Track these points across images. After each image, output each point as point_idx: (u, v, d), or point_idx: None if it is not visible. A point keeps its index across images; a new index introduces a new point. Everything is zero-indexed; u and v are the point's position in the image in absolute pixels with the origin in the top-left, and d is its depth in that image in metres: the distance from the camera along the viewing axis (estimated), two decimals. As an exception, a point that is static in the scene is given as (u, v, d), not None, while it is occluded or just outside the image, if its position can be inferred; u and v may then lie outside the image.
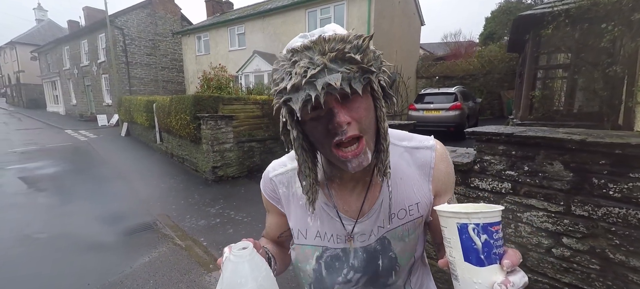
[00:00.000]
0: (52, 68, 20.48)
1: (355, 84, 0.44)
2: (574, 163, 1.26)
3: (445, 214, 0.43)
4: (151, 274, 2.60)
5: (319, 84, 0.43)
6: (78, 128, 12.89)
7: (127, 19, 14.53)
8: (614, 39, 3.33)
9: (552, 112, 4.96)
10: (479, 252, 0.39)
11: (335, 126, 0.46)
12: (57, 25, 28.73)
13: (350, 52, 0.43)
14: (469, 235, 0.40)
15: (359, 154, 0.49)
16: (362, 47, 0.44)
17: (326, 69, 0.43)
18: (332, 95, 0.44)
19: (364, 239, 0.61)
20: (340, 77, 0.43)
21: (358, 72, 0.44)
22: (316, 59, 0.43)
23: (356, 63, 0.44)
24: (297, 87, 0.44)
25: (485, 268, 0.39)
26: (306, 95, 0.44)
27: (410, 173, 0.61)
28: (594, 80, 4.03)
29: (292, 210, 0.66)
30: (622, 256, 1.19)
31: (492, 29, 15.90)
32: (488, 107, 12.02)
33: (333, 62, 0.43)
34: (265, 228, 0.75)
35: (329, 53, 0.43)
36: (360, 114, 0.48)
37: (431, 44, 22.76)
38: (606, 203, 1.20)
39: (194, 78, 13.61)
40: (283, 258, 0.72)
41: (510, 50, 8.43)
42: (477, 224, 0.39)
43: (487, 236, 0.39)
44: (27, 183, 5.35)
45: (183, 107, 5.78)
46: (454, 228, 0.41)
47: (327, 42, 0.44)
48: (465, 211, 0.40)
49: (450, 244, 0.43)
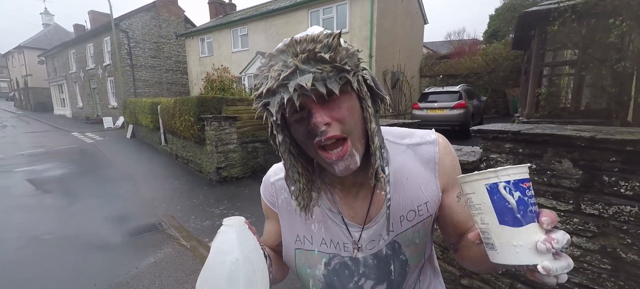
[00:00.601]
0: (59, 71, 20.80)
1: (331, 84, 0.43)
2: (583, 161, 1.23)
3: (471, 178, 0.40)
4: (157, 275, 2.62)
5: (291, 86, 0.42)
6: (84, 131, 13.06)
7: (132, 22, 14.69)
8: (622, 34, 3.27)
9: (559, 109, 4.90)
10: (515, 211, 0.37)
11: (312, 127, 0.45)
12: (64, 29, 29.18)
13: (320, 51, 0.42)
14: (501, 194, 0.37)
15: (344, 156, 0.47)
16: (333, 45, 0.43)
17: (298, 71, 0.43)
18: (309, 96, 0.43)
19: (373, 246, 0.59)
20: (312, 77, 0.42)
21: (332, 71, 0.43)
22: (289, 61, 0.43)
23: (327, 62, 0.43)
24: (272, 91, 0.44)
25: (523, 227, 0.36)
26: (280, 98, 0.44)
27: (416, 171, 0.59)
28: (601, 77, 3.96)
29: (296, 216, 0.63)
30: (635, 255, 1.16)
31: (496, 26, 15.75)
32: (493, 105, 11.91)
33: (305, 63, 0.43)
34: (264, 235, 0.72)
35: (301, 54, 0.43)
36: (342, 114, 0.46)
37: (435, 42, 22.63)
38: (617, 201, 1.17)
39: (197, 80, 13.71)
40: (281, 266, 0.70)
41: (515, 48, 8.34)
42: (508, 181, 0.37)
43: (520, 193, 0.37)
44: (35, 185, 5.43)
45: (187, 108, 5.82)
46: (482, 190, 0.39)
47: (299, 44, 0.43)
48: (493, 169, 0.38)
49: (480, 210, 0.40)
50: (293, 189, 0.53)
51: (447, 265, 1.87)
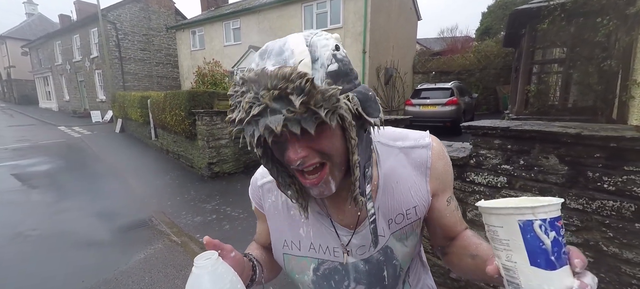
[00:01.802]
0: (44, 63, 20.12)
1: (305, 124, 0.40)
2: (569, 157, 1.26)
3: (502, 211, 0.36)
4: (146, 271, 2.58)
5: (261, 125, 0.40)
6: (71, 125, 12.71)
7: (120, 13, 14.28)
8: (609, 33, 3.34)
9: (548, 106, 5.00)
10: (549, 253, 0.34)
11: (287, 161, 0.45)
12: (48, 19, 28.15)
13: (292, 92, 0.38)
14: (536, 233, 0.34)
15: (319, 183, 0.46)
16: (305, 89, 0.38)
17: (268, 109, 0.39)
18: (285, 130, 0.40)
19: (364, 251, 0.58)
20: (281, 120, 0.39)
21: (306, 112, 0.39)
22: (260, 95, 0.39)
23: (299, 106, 0.38)
24: (243, 122, 0.42)
25: (556, 272, 0.34)
26: (252, 131, 0.42)
27: (406, 175, 0.58)
28: (588, 75, 4.05)
29: (283, 220, 0.62)
30: (616, 248, 1.20)
31: (488, 24, 15.92)
32: (484, 102, 12.08)
33: (276, 101, 0.39)
34: (256, 234, 0.72)
35: (272, 90, 0.38)
36: (320, 146, 0.44)
37: (428, 39, 22.73)
38: (600, 196, 1.20)
39: (189, 74, 13.46)
40: (272, 266, 0.69)
41: (507, 45, 8.45)
42: (544, 219, 0.34)
43: (556, 233, 0.34)
44: (20, 180, 5.27)
45: (178, 102, 5.71)
46: (514, 226, 0.35)
47: (270, 78, 0.38)
48: (530, 205, 0.34)
49: (508, 246, 0.37)
50: (290, 194, 0.52)
51: (436, 259, 1.90)
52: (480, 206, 0.40)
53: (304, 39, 0.44)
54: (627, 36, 3.05)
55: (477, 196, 1.61)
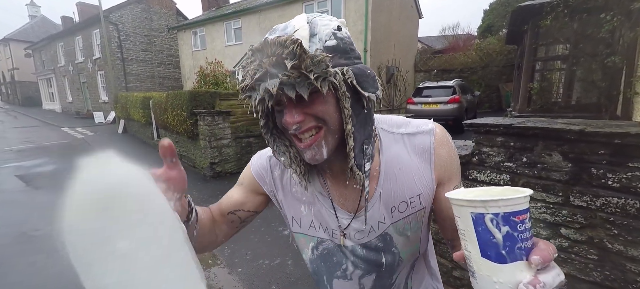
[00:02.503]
0: (47, 65, 20.26)
1: (300, 88, 0.44)
2: (572, 154, 1.25)
3: (458, 202, 0.37)
4: (150, 271, 2.60)
5: (261, 89, 0.45)
6: (75, 126, 12.80)
7: (122, 14, 14.34)
8: (612, 29, 3.31)
9: (551, 103, 4.96)
10: (499, 246, 0.33)
11: (284, 124, 0.48)
12: (51, 21, 28.34)
13: (287, 57, 0.42)
14: (487, 226, 0.34)
15: (312, 145, 0.49)
16: (296, 53, 0.42)
17: (268, 74, 0.44)
18: (281, 94, 0.44)
19: (363, 236, 0.58)
20: (277, 83, 0.43)
21: (300, 77, 0.43)
22: (262, 61, 0.44)
23: (293, 68, 0.43)
24: (249, 88, 0.47)
25: (507, 265, 0.33)
26: (256, 96, 0.46)
27: (409, 162, 0.57)
28: (592, 71, 4.02)
29: (286, 196, 0.63)
30: (621, 246, 1.19)
31: (490, 21, 15.83)
32: (486, 99, 12.02)
33: (274, 66, 0.43)
34: (222, 199, 0.68)
35: (270, 57, 0.43)
36: (315, 111, 0.47)
37: (429, 37, 22.65)
38: (605, 193, 1.19)
39: (190, 74, 13.50)
40: (208, 233, 0.61)
41: (509, 43, 8.40)
42: (497, 213, 0.33)
43: (510, 227, 0.33)
44: (24, 181, 5.32)
45: (179, 103, 5.73)
46: (468, 218, 0.36)
47: (270, 46, 0.43)
48: (482, 198, 0.34)
49: (464, 236, 0.37)
50: (283, 159, 0.54)
51: (439, 257, 1.89)
52: (446, 195, 0.40)
53: (305, 17, 0.49)
54: (632, 32, 3.02)
55: (480, 194, 1.60)
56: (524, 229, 0.34)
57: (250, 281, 2.40)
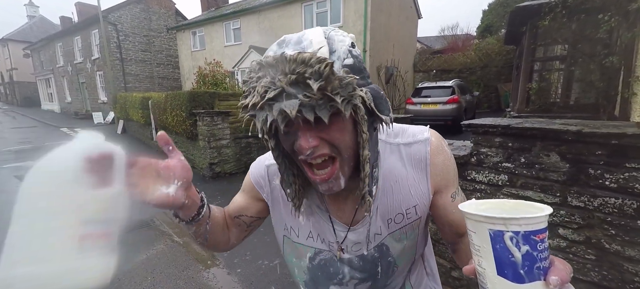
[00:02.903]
0: (46, 65, 20.21)
1: (320, 111, 0.40)
2: (570, 154, 1.26)
3: (475, 217, 0.35)
4: (149, 271, 2.60)
5: (276, 109, 0.40)
6: (74, 126, 12.77)
7: (121, 14, 14.32)
8: (610, 29, 3.33)
9: (549, 104, 4.98)
10: (518, 266, 0.32)
11: (298, 149, 0.44)
12: (49, 21, 28.29)
13: (310, 77, 0.38)
14: (505, 244, 0.33)
15: (330, 179, 0.46)
16: (324, 74, 0.38)
17: (284, 93, 0.40)
18: (299, 116, 0.41)
19: (359, 248, 0.59)
20: (297, 104, 0.39)
21: (322, 99, 0.40)
22: (277, 80, 0.39)
23: (318, 90, 0.39)
24: (258, 107, 0.42)
25: (525, 285, 0.32)
26: (265, 117, 0.42)
27: (405, 173, 0.57)
28: (590, 72, 4.04)
29: (285, 206, 0.63)
30: (618, 246, 1.20)
31: (489, 21, 15.86)
32: (485, 100, 12.04)
33: (293, 85, 0.39)
34: (229, 204, 0.70)
35: (289, 75, 0.39)
36: (331, 136, 0.44)
37: (428, 37, 22.68)
38: (602, 194, 1.20)
39: (190, 75, 13.49)
40: (221, 232, 0.64)
41: (508, 43, 8.43)
42: (517, 232, 0.32)
43: (529, 246, 0.32)
44: (23, 182, 5.30)
45: (178, 103, 5.73)
46: (485, 234, 0.34)
47: (288, 63, 0.39)
48: (502, 216, 0.33)
49: (479, 253, 0.36)
50: (289, 192, 0.53)
51: (438, 258, 1.89)
52: (459, 208, 0.40)
53: (322, 31, 0.45)
54: (629, 32, 3.03)
55: (479, 194, 1.61)
56: (544, 248, 0.33)
57: (249, 282, 2.41)
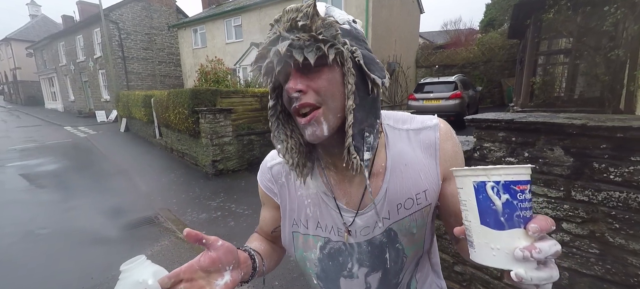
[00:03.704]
0: (49, 64, 20.32)
1: (308, 53, 0.44)
2: (574, 148, 1.25)
3: (461, 173, 0.39)
4: (154, 268, 2.63)
5: (272, 52, 0.45)
6: (77, 125, 12.86)
7: (122, 12, 14.33)
8: (616, 21, 3.28)
9: (553, 98, 4.93)
10: (498, 213, 0.35)
11: (287, 90, 0.47)
12: (52, 20, 28.37)
13: (300, 20, 0.44)
14: (487, 194, 0.35)
15: (311, 121, 0.48)
16: (309, 13, 0.44)
17: (280, 38, 0.45)
18: (290, 64, 0.45)
19: (368, 232, 0.58)
20: (286, 44, 0.43)
21: (310, 40, 0.44)
22: (278, 29, 0.46)
23: (305, 30, 0.44)
24: (262, 56, 0.47)
25: (505, 232, 0.35)
26: (265, 62, 0.47)
27: (415, 158, 0.57)
28: (595, 65, 3.99)
29: (292, 200, 0.63)
30: (622, 239, 1.19)
31: (492, 15, 15.66)
32: (488, 95, 11.95)
33: (288, 31, 0.45)
34: (260, 223, 0.73)
35: (285, 23, 0.45)
36: (319, 84, 0.47)
37: (431, 32, 22.47)
38: (606, 188, 1.19)
39: (191, 72, 13.50)
40: (273, 255, 0.70)
41: (511, 37, 8.33)
42: (497, 181, 0.35)
43: (509, 195, 0.34)
44: (28, 180, 5.36)
45: (181, 101, 5.75)
46: (470, 187, 0.37)
47: (286, 13, 0.45)
48: (484, 167, 0.36)
49: (466, 206, 0.39)
50: (280, 147, 0.53)
51: (441, 253, 1.90)
52: (451, 170, 0.42)
53: (324, 3, 0.51)
54: (636, 25, 2.99)
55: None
56: (524, 199, 0.35)
57: (253, 277, 2.43)
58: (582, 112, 3.51)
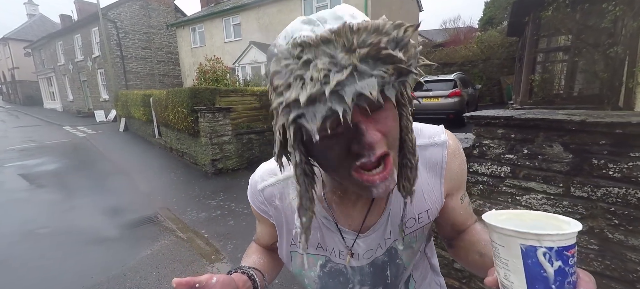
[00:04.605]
0: (47, 64, 20.25)
1: (388, 91, 0.32)
2: (573, 145, 1.25)
3: (505, 232, 0.34)
4: (154, 267, 2.63)
5: (348, 95, 0.31)
6: (76, 125, 12.83)
7: (120, 11, 14.28)
8: (615, 18, 3.27)
9: (552, 95, 4.94)
10: (550, 281, 0.32)
11: (364, 147, 0.35)
12: (50, 19, 28.24)
13: (387, 47, 0.31)
14: (538, 260, 0.32)
15: (387, 177, 0.38)
16: (404, 40, 0.32)
17: (356, 73, 0.31)
18: (361, 106, 0.32)
19: (371, 254, 0.56)
20: (376, 83, 0.31)
21: (393, 74, 0.32)
22: (341, 58, 0.31)
23: (395, 62, 0.31)
24: (315, 99, 0.32)
25: None
26: (328, 110, 0.32)
27: (420, 177, 0.53)
28: (594, 62, 3.99)
29: (290, 223, 0.58)
30: (621, 235, 1.19)
31: (491, 13, 15.66)
32: (488, 93, 11.95)
33: (364, 62, 0.31)
34: (257, 234, 0.69)
35: (359, 49, 0.30)
36: (388, 127, 0.37)
37: (430, 30, 22.45)
38: (606, 184, 1.19)
39: (190, 71, 13.47)
40: (276, 265, 0.68)
41: (510, 34, 8.33)
42: (550, 248, 0.32)
43: (562, 262, 0.32)
44: (28, 180, 5.35)
45: (180, 100, 5.73)
46: (515, 249, 0.34)
47: (356, 33, 0.31)
48: (536, 232, 0.32)
49: (507, 266, 0.35)
50: (304, 221, 0.43)
51: (441, 250, 1.90)
52: (484, 221, 0.38)
53: (354, 7, 0.40)
54: (634, 21, 2.99)
55: (481, 186, 1.60)
56: (573, 263, 0.33)
57: (253, 276, 2.43)
58: (582, 109, 3.52)
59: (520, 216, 0.38)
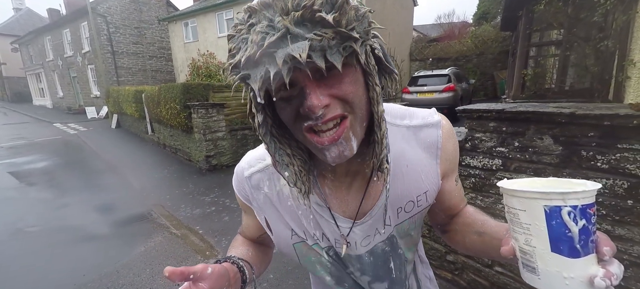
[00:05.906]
0: (35, 59, 19.75)
1: (331, 56, 0.33)
2: (563, 137, 1.26)
3: (528, 194, 0.34)
4: (147, 263, 2.61)
5: (280, 57, 0.32)
6: (67, 122, 12.59)
7: (110, 5, 13.96)
8: (606, 12, 3.31)
9: (544, 89, 4.99)
10: (575, 240, 0.32)
11: (307, 110, 0.36)
12: (37, 14, 27.44)
13: (321, 9, 0.31)
14: (563, 219, 0.32)
15: (339, 139, 0.38)
16: (338, 3, 0.31)
17: (289, 35, 0.32)
18: (302, 69, 0.33)
19: (369, 241, 0.54)
20: (308, 45, 0.31)
21: (335, 38, 0.32)
22: (276, 21, 0.32)
23: (329, 26, 0.32)
24: (253, 60, 0.33)
25: (580, 260, 0.32)
26: (265, 71, 0.33)
27: (416, 157, 0.52)
28: (585, 56, 4.03)
29: (283, 211, 0.55)
30: (608, 225, 1.22)
31: (486, 8, 15.68)
32: (482, 88, 12.04)
33: (299, 24, 0.32)
34: (242, 227, 0.67)
35: (293, 11, 0.31)
36: (344, 91, 0.37)
37: (424, 25, 22.44)
38: (594, 175, 1.21)
39: (183, 67, 13.28)
40: (263, 259, 0.66)
41: (504, 29, 8.37)
42: (575, 206, 0.32)
43: (586, 220, 0.32)
44: (17, 177, 5.25)
45: (172, 96, 5.66)
46: (538, 211, 0.33)
47: None
48: (560, 190, 0.32)
49: (529, 231, 0.35)
50: (287, 175, 0.44)
51: (433, 242, 1.92)
52: (502, 187, 0.38)
53: None
54: (624, 15, 3.02)
55: (473, 179, 1.62)
56: (595, 222, 0.33)
57: (248, 271, 2.43)
58: (572, 102, 3.56)
59: (532, 184, 0.38)
